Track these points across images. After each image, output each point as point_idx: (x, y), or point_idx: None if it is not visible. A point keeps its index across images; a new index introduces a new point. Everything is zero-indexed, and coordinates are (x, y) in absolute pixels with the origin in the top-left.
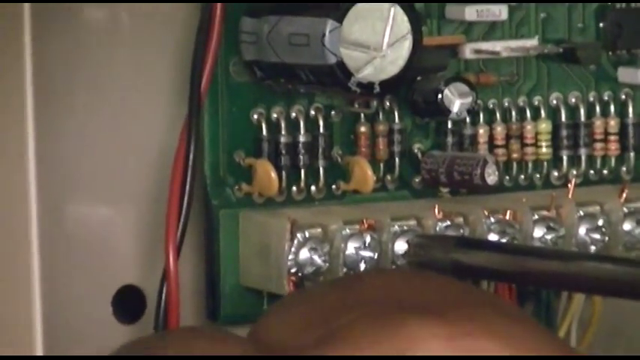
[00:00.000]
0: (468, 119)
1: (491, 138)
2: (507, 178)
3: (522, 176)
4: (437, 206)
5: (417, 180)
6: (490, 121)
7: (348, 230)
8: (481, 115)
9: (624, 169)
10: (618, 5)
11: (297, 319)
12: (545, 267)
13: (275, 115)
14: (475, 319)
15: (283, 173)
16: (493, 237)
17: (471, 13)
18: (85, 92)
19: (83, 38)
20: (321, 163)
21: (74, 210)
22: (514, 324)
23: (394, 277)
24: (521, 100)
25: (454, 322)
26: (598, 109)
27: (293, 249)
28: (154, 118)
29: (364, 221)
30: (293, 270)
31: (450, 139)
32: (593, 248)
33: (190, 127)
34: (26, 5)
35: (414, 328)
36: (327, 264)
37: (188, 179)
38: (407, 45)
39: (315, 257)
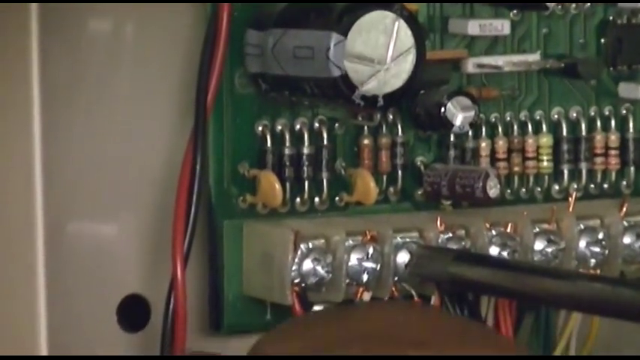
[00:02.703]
0: (470, 133)
1: (493, 151)
2: (509, 191)
3: (523, 189)
4: (439, 218)
5: (419, 192)
6: (492, 135)
7: (350, 241)
8: (483, 129)
9: (624, 183)
10: (619, 21)
11: (295, 351)
12: (542, 285)
13: (279, 127)
14: (471, 354)
15: (287, 185)
16: (494, 249)
17: (473, 27)
18: (91, 104)
19: (89, 51)
20: (324, 174)
21: (80, 219)
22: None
23: (392, 311)
24: (523, 115)
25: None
26: (599, 123)
27: (296, 260)
28: (159, 130)
29: (367, 233)
30: (296, 280)
31: (452, 153)
32: (593, 261)
33: (197, 139)
34: (33, 20)
35: None
36: (330, 275)
37: (195, 190)
38: (410, 59)
39: (318, 268)
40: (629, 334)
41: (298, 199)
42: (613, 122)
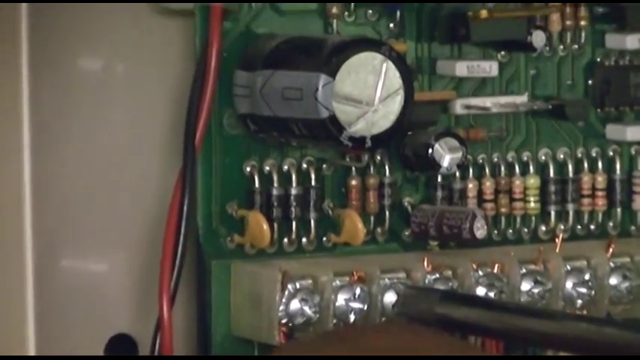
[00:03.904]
0: (457, 174)
1: (480, 192)
2: (496, 231)
3: (510, 230)
4: (426, 259)
5: (406, 233)
6: (479, 176)
7: (338, 282)
8: (470, 170)
9: (611, 224)
10: (607, 63)
11: None
12: (529, 325)
13: (267, 168)
14: None
15: (275, 225)
16: (481, 290)
17: (461, 69)
18: (80, 142)
19: (78, 88)
20: (312, 215)
21: (68, 259)
22: None
23: (397, 337)
24: (510, 156)
25: None
26: (586, 164)
27: (284, 300)
28: (148, 168)
29: (354, 273)
30: (284, 320)
31: (439, 193)
32: (579, 302)
33: (185, 179)
34: (24, 58)
35: None
36: (318, 315)
37: (182, 230)
38: (399, 100)
39: (306, 308)
40: None
41: (286, 240)
42: (600, 163)
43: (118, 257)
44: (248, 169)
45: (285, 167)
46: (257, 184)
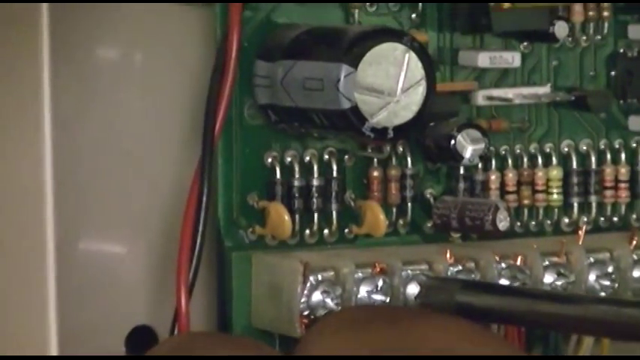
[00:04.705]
0: (479, 165)
1: (502, 184)
2: (518, 223)
3: (533, 222)
4: (448, 251)
5: (428, 225)
6: (502, 167)
7: (360, 274)
8: (493, 161)
9: (634, 216)
10: (629, 54)
11: (344, 350)
12: (550, 310)
13: (289, 159)
14: None
15: (296, 216)
16: (504, 282)
17: (483, 59)
18: (99, 130)
19: (98, 77)
20: (333, 206)
21: (88, 250)
22: None
23: (449, 333)
24: (533, 147)
25: None
26: (609, 156)
27: (305, 292)
28: (168, 156)
29: (376, 265)
30: (305, 312)
31: (461, 185)
32: (602, 294)
33: (203, 169)
34: (45, 46)
35: None
36: (340, 307)
37: (201, 221)
38: (421, 91)
39: (328, 300)
40: None
41: (307, 231)
42: (623, 155)
43: (137, 248)
44: (269, 159)
45: (307, 158)
46: (278, 175)
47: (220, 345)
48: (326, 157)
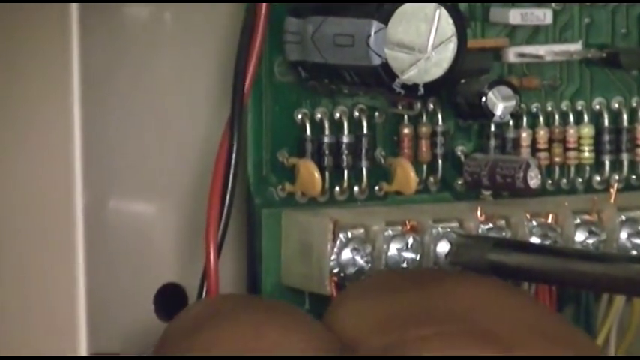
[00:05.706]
0: (510, 122)
1: (533, 142)
2: (549, 181)
3: (564, 180)
4: (479, 209)
5: (459, 182)
6: (533, 125)
7: (390, 231)
8: (524, 119)
9: None
10: None
11: (373, 316)
12: (583, 268)
13: (319, 116)
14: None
15: (326, 173)
16: (535, 240)
17: (515, 16)
18: (128, 90)
19: (128, 37)
20: (364, 164)
21: (117, 209)
22: None
23: (477, 292)
24: (564, 105)
25: None
26: None
27: (335, 249)
28: (197, 116)
29: (407, 223)
30: (335, 270)
31: (492, 142)
32: (634, 253)
33: (232, 126)
34: (74, 6)
35: None
36: (370, 265)
37: (230, 178)
38: (451, 47)
39: (358, 258)
40: None
41: (337, 189)
42: None
43: (166, 206)
44: (299, 116)
45: (337, 115)
46: (308, 132)
47: (250, 308)
48: (356, 114)
